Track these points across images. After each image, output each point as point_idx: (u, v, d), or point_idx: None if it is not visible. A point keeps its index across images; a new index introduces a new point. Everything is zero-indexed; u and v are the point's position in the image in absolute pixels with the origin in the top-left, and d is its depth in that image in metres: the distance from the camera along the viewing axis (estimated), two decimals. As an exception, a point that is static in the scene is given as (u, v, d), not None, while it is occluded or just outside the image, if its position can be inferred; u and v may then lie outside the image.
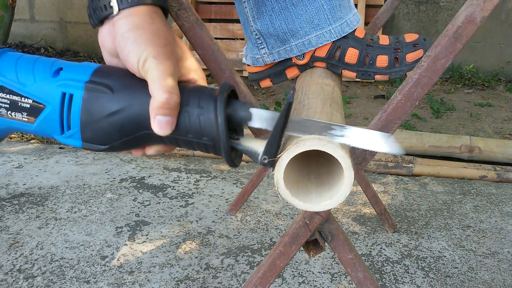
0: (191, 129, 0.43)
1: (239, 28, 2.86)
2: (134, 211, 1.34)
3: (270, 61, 0.85)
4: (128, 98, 0.43)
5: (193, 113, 0.43)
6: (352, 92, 2.75)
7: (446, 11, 3.00)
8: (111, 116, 0.43)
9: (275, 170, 0.44)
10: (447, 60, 0.45)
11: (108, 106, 0.43)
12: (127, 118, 0.43)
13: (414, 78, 0.47)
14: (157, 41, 0.43)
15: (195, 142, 0.44)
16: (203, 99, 0.43)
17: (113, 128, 0.44)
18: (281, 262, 0.60)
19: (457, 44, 0.45)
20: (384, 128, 0.51)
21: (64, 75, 0.45)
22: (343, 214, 1.37)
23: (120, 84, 0.44)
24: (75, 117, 0.44)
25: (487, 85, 2.89)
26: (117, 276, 1.06)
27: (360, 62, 0.82)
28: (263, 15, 0.81)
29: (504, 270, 1.12)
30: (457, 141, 1.78)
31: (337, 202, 0.45)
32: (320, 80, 0.76)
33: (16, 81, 0.45)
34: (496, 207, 1.43)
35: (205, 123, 0.42)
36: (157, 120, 0.42)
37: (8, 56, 0.47)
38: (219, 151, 0.43)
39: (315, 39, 0.80)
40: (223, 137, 0.42)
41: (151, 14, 0.44)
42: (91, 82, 0.44)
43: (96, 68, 0.45)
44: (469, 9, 0.44)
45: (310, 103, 0.60)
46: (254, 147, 0.44)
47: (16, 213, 1.32)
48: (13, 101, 0.45)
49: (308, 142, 0.43)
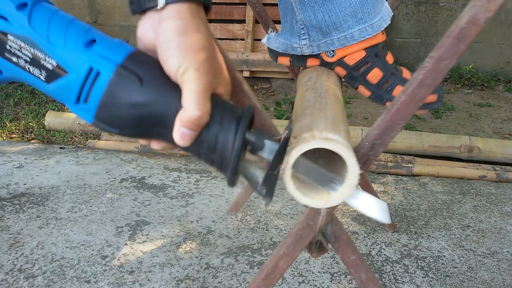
0: (205, 143, 0.43)
1: (239, 28, 2.86)
2: (135, 211, 1.34)
3: (309, 53, 0.85)
4: (155, 95, 0.42)
5: (213, 129, 0.43)
6: (352, 92, 2.75)
7: (446, 11, 3.00)
8: (133, 107, 0.42)
9: (284, 167, 0.46)
10: (451, 61, 0.45)
11: (133, 97, 0.42)
12: (148, 113, 0.43)
13: (418, 79, 0.48)
14: (201, 53, 0.42)
15: (204, 154, 0.44)
16: (225, 118, 0.43)
17: (131, 118, 0.43)
18: (284, 263, 0.60)
19: (461, 45, 0.45)
20: (387, 129, 0.51)
21: (97, 49, 0.43)
22: (343, 214, 1.37)
23: (151, 77, 0.43)
24: (96, 94, 0.43)
25: (486, 85, 2.89)
26: (117, 275, 1.06)
27: (379, 84, 0.83)
28: (305, 6, 0.81)
29: (503, 270, 1.12)
30: (457, 141, 1.79)
31: (347, 194, 0.47)
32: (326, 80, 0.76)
33: (46, 38, 0.43)
34: (496, 207, 1.43)
35: (222, 143, 0.43)
36: (181, 132, 0.42)
37: (42, 8, 0.44)
38: (225, 171, 0.44)
39: (358, 33, 0.80)
40: (235, 161, 0.43)
41: (197, 17, 0.43)
42: (123, 67, 0.43)
43: (131, 52, 0.44)
44: (473, 10, 0.44)
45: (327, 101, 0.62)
46: (255, 173, 0.44)
47: (17, 213, 1.31)
48: (36, 57, 0.43)
49: (313, 141, 0.44)
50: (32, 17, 0.43)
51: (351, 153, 0.46)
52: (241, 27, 2.86)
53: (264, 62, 2.74)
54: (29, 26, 0.43)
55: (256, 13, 1.13)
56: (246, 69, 2.80)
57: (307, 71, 0.86)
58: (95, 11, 3.27)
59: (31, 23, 0.43)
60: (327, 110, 0.59)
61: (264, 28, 1.14)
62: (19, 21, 0.43)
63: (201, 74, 0.42)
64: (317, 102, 0.63)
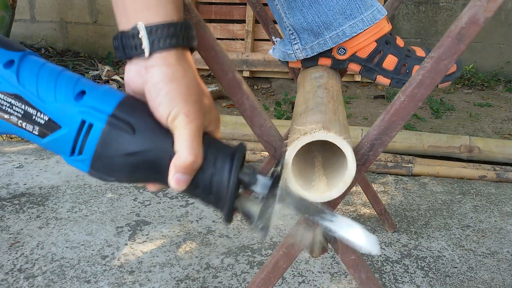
0: (201, 185, 0.44)
1: (239, 28, 2.86)
2: (135, 211, 1.34)
3: (303, 57, 0.86)
4: (147, 143, 0.43)
5: (207, 171, 0.43)
6: (352, 92, 2.75)
7: (446, 11, 3.00)
8: (127, 156, 0.43)
9: (284, 161, 0.49)
10: (451, 61, 0.45)
11: (126, 146, 0.43)
12: (142, 161, 0.43)
13: (417, 79, 0.48)
14: (190, 98, 0.43)
15: (200, 196, 0.45)
16: (218, 159, 0.44)
17: (126, 167, 0.43)
18: (284, 263, 0.60)
19: (461, 45, 0.45)
20: (387, 129, 0.51)
21: (88, 101, 0.43)
22: (343, 214, 1.37)
23: (142, 125, 0.43)
24: (90, 146, 0.43)
25: (486, 85, 2.89)
26: (117, 275, 1.06)
27: (397, 70, 0.84)
28: (294, 10, 0.82)
29: (503, 270, 1.12)
30: (457, 141, 1.79)
31: (346, 184, 0.51)
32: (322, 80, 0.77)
33: (36, 94, 0.43)
34: (496, 207, 1.43)
35: (217, 184, 0.43)
36: (176, 178, 0.43)
37: (30, 63, 0.44)
38: (221, 209, 0.44)
39: (349, 29, 0.81)
40: (230, 201, 0.43)
41: (183, 61, 0.44)
42: (114, 117, 0.43)
43: (121, 100, 0.44)
44: (473, 9, 0.44)
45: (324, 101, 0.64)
46: (250, 209, 0.45)
47: (17, 213, 1.32)
48: (28, 113, 0.43)
49: (313, 133, 0.46)
50: (20, 74, 0.43)
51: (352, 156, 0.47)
52: (241, 27, 2.86)
53: (264, 62, 2.74)
54: (18, 83, 0.43)
55: (256, 13, 1.13)
56: (246, 69, 2.80)
57: (317, 68, 0.86)
58: (95, 11, 3.27)
59: (20, 80, 0.43)
60: (339, 115, 0.59)
61: (264, 28, 1.15)
62: (7, 79, 0.43)
63: (191, 118, 0.43)
64: (330, 103, 0.63)
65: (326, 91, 0.69)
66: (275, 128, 0.59)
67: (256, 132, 0.58)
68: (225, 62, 0.56)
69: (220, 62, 0.56)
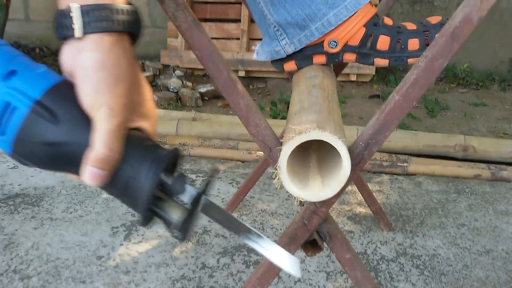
0: (117, 185, 0.42)
1: (235, 27, 2.86)
2: (130, 211, 1.34)
3: (292, 50, 0.85)
4: (68, 135, 0.41)
5: (125, 170, 0.42)
6: (347, 92, 2.75)
7: (441, 10, 3.01)
8: (45, 145, 0.41)
9: (279, 161, 0.50)
10: (445, 60, 0.46)
11: (46, 136, 0.41)
12: (60, 153, 0.42)
13: (411, 79, 0.48)
14: (117, 90, 0.41)
15: (118, 196, 0.43)
16: (140, 160, 0.42)
17: (44, 156, 0.42)
18: (279, 262, 0.60)
19: (455, 44, 0.45)
20: (382, 128, 0.51)
21: (16, 83, 0.41)
22: (338, 213, 1.37)
23: (67, 116, 0.41)
24: (12, 129, 0.41)
25: (481, 84, 2.90)
26: (113, 276, 1.06)
27: (392, 48, 0.83)
28: (277, 7, 0.82)
29: (498, 268, 1.13)
30: (452, 140, 1.80)
31: (342, 182, 0.52)
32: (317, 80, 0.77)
33: None
34: (490, 206, 1.44)
35: (133, 187, 0.42)
36: (90, 171, 0.41)
37: None
38: (137, 213, 0.43)
39: (334, 18, 0.81)
40: (145, 207, 0.41)
41: (119, 49, 0.42)
42: (40, 104, 0.41)
43: (53, 85, 0.42)
44: (466, 9, 0.45)
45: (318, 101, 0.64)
46: (171, 215, 0.43)
47: (12, 213, 1.31)
48: None
49: (307, 133, 0.47)
50: None
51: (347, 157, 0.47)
52: (236, 27, 2.86)
53: (259, 61, 2.73)
54: None
55: (251, 12, 1.13)
56: (242, 69, 2.80)
57: (313, 67, 0.86)
58: (90, 11, 3.26)
59: None
60: (334, 114, 0.60)
61: (259, 27, 1.14)
62: None
63: (114, 112, 0.41)
64: (325, 103, 0.63)
65: (321, 91, 0.70)
66: (270, 128, 0.59)
67: (251, 131, 0.58)
68: (220, 61, 0.56)
69: (214, 62, 0.56)
